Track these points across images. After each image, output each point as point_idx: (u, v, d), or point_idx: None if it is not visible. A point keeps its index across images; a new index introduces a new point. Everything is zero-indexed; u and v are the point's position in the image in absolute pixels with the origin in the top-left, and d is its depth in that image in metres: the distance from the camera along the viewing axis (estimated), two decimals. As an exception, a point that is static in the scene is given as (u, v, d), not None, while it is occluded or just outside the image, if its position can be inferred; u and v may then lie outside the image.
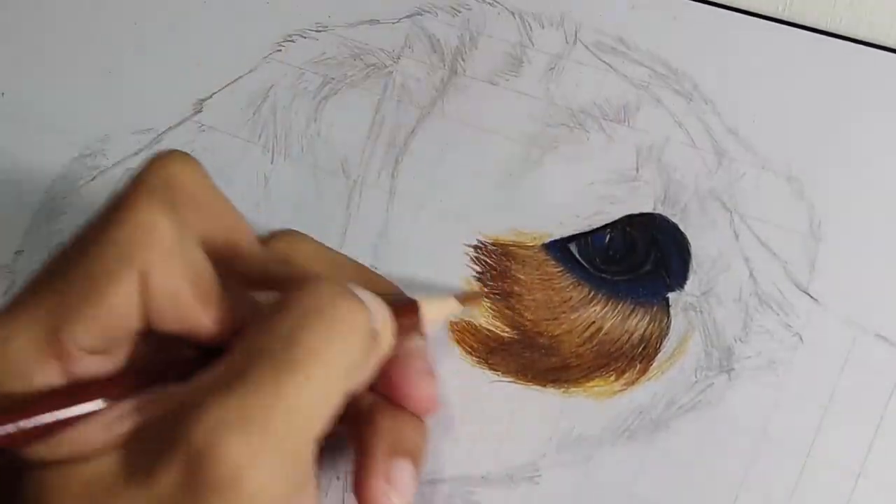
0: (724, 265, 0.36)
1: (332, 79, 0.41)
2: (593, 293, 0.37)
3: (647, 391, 0.36)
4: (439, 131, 0.40)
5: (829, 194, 0.36)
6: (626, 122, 0.38)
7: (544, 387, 0.37)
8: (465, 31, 0.40)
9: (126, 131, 0.44)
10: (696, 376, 0.36)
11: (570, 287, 0.37)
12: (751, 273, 0.36)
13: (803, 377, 0.35)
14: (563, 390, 0.37)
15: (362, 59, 0.41)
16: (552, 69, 0.39)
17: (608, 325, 0.37)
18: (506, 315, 0.38)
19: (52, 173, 0.45)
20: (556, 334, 0.37)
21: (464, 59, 0.40)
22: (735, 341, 0.36)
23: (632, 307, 0.37)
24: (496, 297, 0.38)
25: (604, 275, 0.37)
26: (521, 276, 0.38)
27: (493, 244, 0.39)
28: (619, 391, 0.37)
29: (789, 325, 0.35)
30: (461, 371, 0.38)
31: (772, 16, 0.37)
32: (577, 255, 0.38)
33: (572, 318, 0.37)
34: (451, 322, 0.38)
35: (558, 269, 0.38)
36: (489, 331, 0.38)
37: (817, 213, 0.36)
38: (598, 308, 0.37)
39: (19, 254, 0.45)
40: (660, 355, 0.36)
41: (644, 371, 0.36)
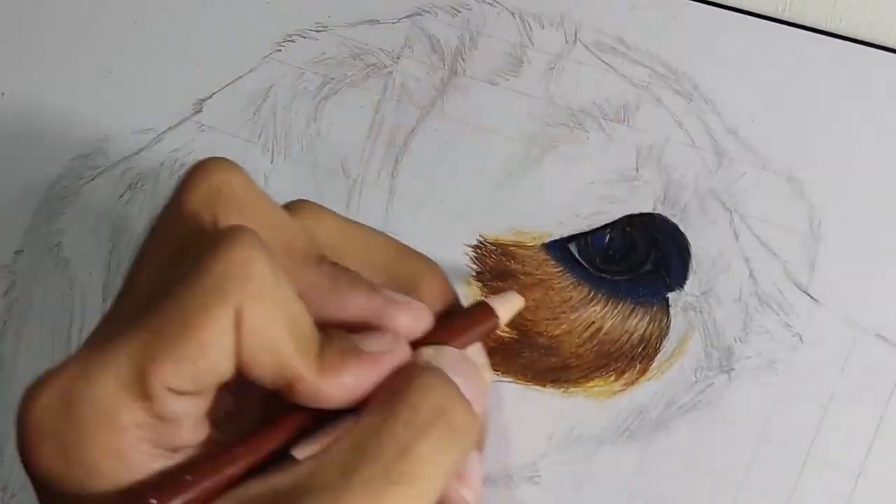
0: (723, 265, 0.36)
1: (332, 79, 0.41)
2: (593, 293, 0.37)
3: (646, 391, 0.36)
4: (439, 131, 0.40)
5: (829, 194, 0.36)
6: (626, 122, 0.38)
7: (544, 387, 0.37)
8: (464, 31, 0.40)
9: (126, 131, 0.44)
10: (695, 376, 0.36)
11: (570, 287, 0.37)
12: (751, 273, 0.36)
13: (803, 377, 0.35)
14: (562, 390, 0.37)
15: (362, 59, 0.41)
16: (552, 69, 0.39)
17: (608, 325, 0.37)
18: (506, 315, 0.38)
19: (52, 173, 0.45)
20: (555, 334, 0.37)
21: (464, 59, 0.40)
22: (735, 341, 0.36)
23: (631, 307, 0.37)
24: (496, 297, 0.38)
25: (603, 275, 0.37)
26: (521, 276, 0.38)
27: (492, 244, 0.38)
28: (619, 391, 0.37)
29: (789, 326, 0.35)
30: (461, 371, 0.38)
31: (772, 16, 0.37)
32: (577, 255, 0.38)
33: (572, 318, 0.37)
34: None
35: (558, 269, 0.38)
36: (489, 331, 0.38)
37: (817, 213, 0.36)
38: (597, 308, 0.37)
39: (19, 254, 0.45)
40: (659, 355, 0.36)
41: (644, 371, 0.36)
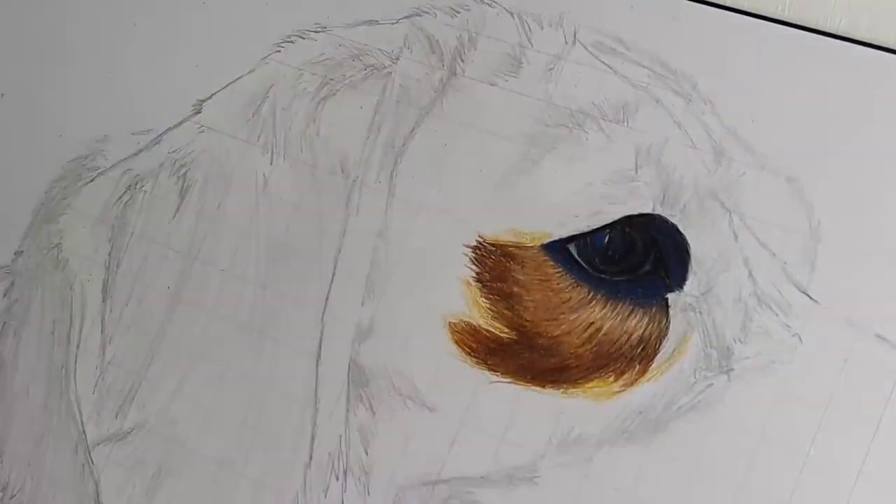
0: (723, 265, 0.36)
1: (332, 79, 0.41)
2: (592, 294, 0.37)
3: (646, 392, 0.36)
4: (438, 132, 0.40)
5: (829, 194, 0.36)
6: (626, 123, 0.38)
7: (543, 387, 0.37)
8: (463, 32, 0.40)
9: (126, 132, 0.44)
10: (695, 377, 0.36)
11: (570, 288, 0.37)
12: (750, 273, 0.36)
13: (803, 377, 0.35)
14: (562, 391, 0.37)
15: (361, 60, 0.41)
16: (551, 70, 0.39)
17: (607, 325, 0.37)
18: (505, 316, 0.38)
19: (52, 174, 0.45)
20: (555, 335, 0.37)
21: (463, 60, 0.40)
22: (734, 342, 0.36)
23: (631, 308, 0.37)
24: (495, 297, 0.38)
25: (603, 275, 0.37)
26: (521, 277, 0.38)
27: (492, 244, 0.38)
28: (619, 392, 0.37)
29: (789, 326, 0.35)
30: (461, 371, 0.38)
31: (772, 16, 0.37)
32: (577, 256, 0.38)
33: (571, 318, 0.37)
34: (450, 322, 0.38)
35: (557, 270, 0.38)
36: (489, 331, 0.38)
37: (817, 213, 0.36)
38: (597, 309, 0.37)
39: (19, 254, 0.45)
40: (659, 356, 0.36)
41: (643, 372, 0.36)
